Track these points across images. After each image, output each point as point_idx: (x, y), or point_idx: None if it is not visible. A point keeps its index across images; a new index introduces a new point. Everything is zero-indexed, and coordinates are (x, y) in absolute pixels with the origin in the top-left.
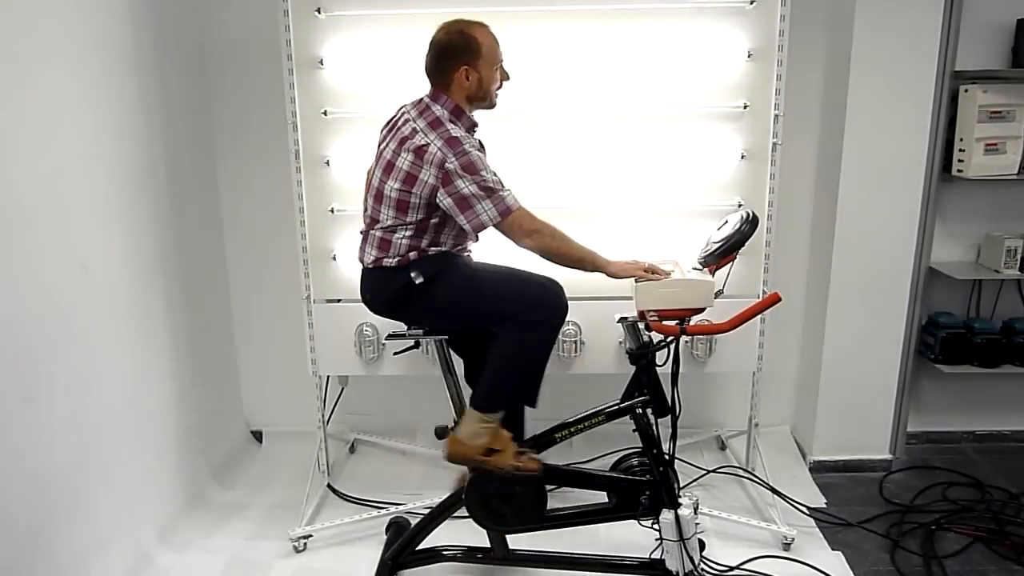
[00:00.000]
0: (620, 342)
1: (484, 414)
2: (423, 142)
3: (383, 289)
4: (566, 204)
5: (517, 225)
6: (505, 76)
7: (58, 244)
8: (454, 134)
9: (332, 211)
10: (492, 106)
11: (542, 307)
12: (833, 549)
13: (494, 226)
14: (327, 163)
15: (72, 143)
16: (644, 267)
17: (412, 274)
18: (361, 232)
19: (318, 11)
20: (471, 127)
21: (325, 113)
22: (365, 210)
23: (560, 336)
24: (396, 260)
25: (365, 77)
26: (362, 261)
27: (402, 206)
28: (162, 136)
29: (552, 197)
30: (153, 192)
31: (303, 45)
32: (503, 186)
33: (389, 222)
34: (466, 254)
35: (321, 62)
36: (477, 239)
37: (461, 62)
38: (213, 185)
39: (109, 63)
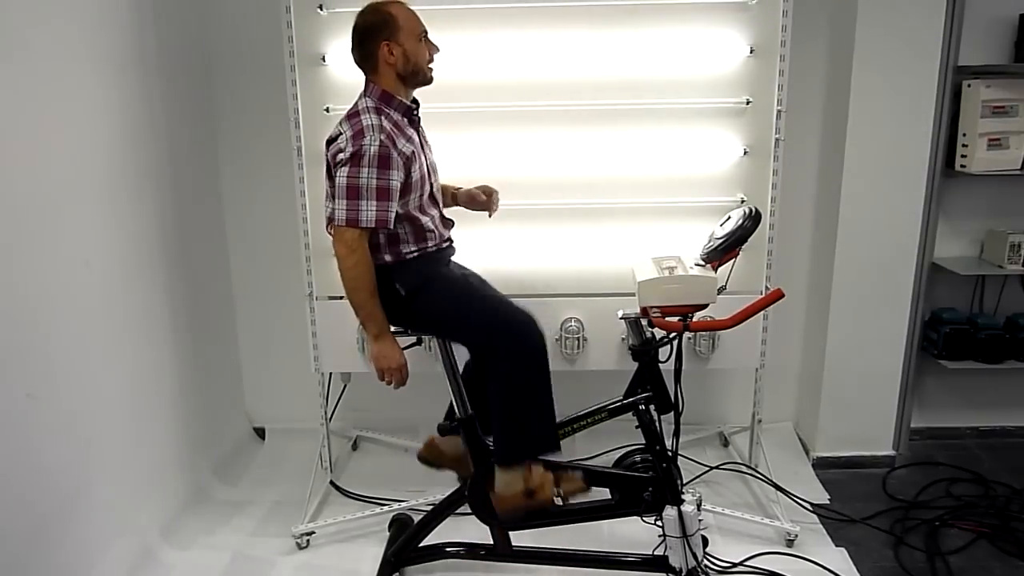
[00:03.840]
0: (623, 338)
1: (508, 470)
2: (336, 133)
3: None
4: (570, 201)
5: (346, 237)
6: (433, 48)
7: (61, 241)
8: (365, 124)
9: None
10: (428, 81)
11: (513, 334)
12: (837, 545)
13: (335, 226)
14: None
15: (75, 140)
16: (395, 370)
17: (396, 285)
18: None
19: (320, 8)
20: (408, 110)
21: (327, 110)
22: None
23: (563, 333)
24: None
25: None
26: None
27: None
28: (164, 133)
29: (556, 195)
30: (155, 189)
31: (305, 42)
32: (376, 197)
33: None
34: (447, 247)
35: (323, 59)
36: (451, 224)
37: (381, 38)
38: (215, 182)
39: (111, 60)
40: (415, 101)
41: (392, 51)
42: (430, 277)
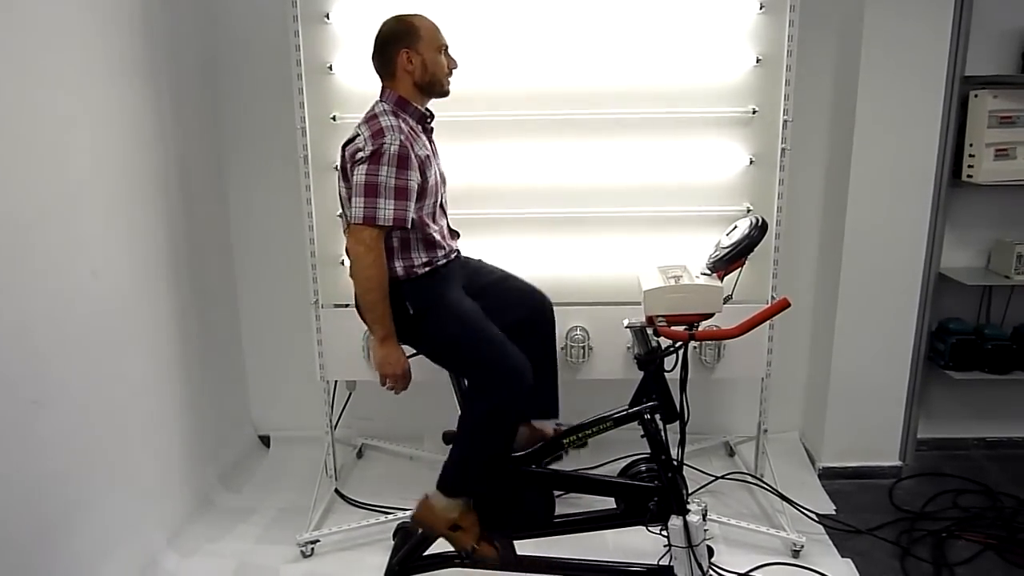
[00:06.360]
0: (628, 347)
1: (447, 498)
2: (354, 134)
3: None
4: (576, 210)
5: (363, 236)
6: (452, 62)
7: (68, 249)
8: (384, 124)
9: (340, 216)
10: (445, 93)
11: (498, 382)
12: (843, 556)
13: (351, 224)
14: (336, 168)
15: (82, 149)
16: (399, 376)
17: (407, 302)
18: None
19: (327, 17)
20: (422, 118)
21: (334, 119)
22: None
23: (568, 341)
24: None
25: (374, 83)
26: None
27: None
28: (172, 142)
29: (562, 203)
30: (162, 197)
31: (312, 51)
32: (395, 196)
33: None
34: (455, 258)
35: (330, 68)
36: (456, 235)
37: (401, 46)
38: (222, 190)
39: (119, 70)
40: (429, 111)
41: (411, 59)
42: (440, 300)
